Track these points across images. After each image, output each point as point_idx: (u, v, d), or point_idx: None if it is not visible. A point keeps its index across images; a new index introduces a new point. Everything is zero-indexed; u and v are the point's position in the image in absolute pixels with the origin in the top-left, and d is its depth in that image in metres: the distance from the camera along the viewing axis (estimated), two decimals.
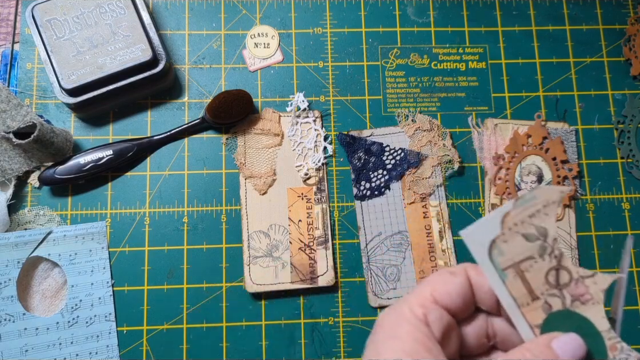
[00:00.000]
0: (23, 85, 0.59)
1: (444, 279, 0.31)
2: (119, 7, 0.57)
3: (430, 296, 0.30)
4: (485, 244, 0.29)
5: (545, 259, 0.29)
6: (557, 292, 0.29)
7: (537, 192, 0.29)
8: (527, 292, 0.29)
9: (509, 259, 0.29)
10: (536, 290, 0.29)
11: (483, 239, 0.29)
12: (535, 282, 0.29)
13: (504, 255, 0.29)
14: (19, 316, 0.53)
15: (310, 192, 0.59)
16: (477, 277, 0.31)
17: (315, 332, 0.56)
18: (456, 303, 0.31)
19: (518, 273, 0.29)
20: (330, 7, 0.64)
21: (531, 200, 0.29)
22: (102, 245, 0.56)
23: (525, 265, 0.29)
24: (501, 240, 0.29)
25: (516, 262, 0.29)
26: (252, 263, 0.56)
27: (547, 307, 0.29)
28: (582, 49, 0.64)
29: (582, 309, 0.29)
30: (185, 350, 0.55)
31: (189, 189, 0.58)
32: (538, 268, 0.29)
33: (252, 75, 0.62)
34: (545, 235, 0.29)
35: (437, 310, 0.30)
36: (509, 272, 0.29)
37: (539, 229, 0.29)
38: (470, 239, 0.30)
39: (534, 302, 0.29)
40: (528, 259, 0.29)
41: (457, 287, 0.31)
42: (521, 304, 0.29)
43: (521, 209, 0.29)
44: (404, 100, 0.62)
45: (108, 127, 0.59)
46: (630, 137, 0.61)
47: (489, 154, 0.60)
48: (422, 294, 0.31)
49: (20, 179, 0.57)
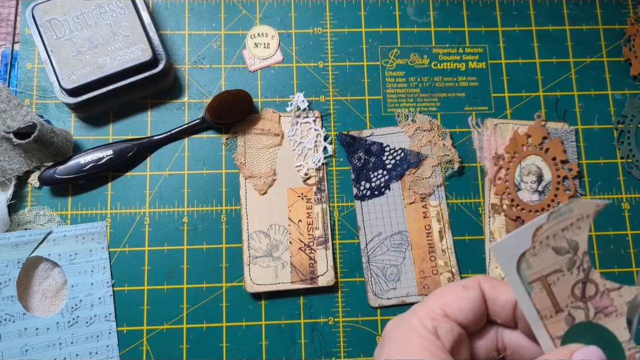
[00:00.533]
0: (23, 85, 0.59)
1: (456, 292, 0.31)
2: (119, 7, 0.57)
3: (441, 310, 0.30)
4: (514, 257, 0.29)
5: (573, 273, 0.29)
6: (581, 304, 0.29)
7: (574, 205, 0.28)
8: (552, 304, 0.29)
9: (536, 272, 0.29)
10: (561, 303, 0.29)
11: (513, 252, 0.29)
12: (561, 294, 0.29)
13: (532, 269, 0.29)
14: (19, 316, 0.53)
15: (310, 192, 0.59)
16: (492, 290, 0.31)
17: (315, 332, 0.56)
18: (468, 318, 0.30)
19: (544, 286, 0.29)
20: (330, 7, 0.64)
21: (566, 214, 0.29)
22: (102, 245, 0.56)
23: (552, 278, 0.29)
24: (531, 254, 0.29)
25: (543, 275, 0.29)
26: (252, 263, 0.57)
27: (570, 319, 0.29)
28: (582, 49, 0.64)
29: (605, 321, 0.29)
30: (185, 350, 0.55)
31: (189, 189, 0.58)
32: (565, 281, 0.29)
33: (252, 75, 0.62)
34: (576, 249, 0.29)
35: (448, 323, 0.30)
36: (536, 285, 0.29)
37: (571, 242, 0.29)
38: (499, 253, 0.29)
39: (558, 315, 0.29)
40: (556, 272, 0.29)
41: (469, 301, 0.30)
42: (544, 315, 0.29)
43: (555, 222, 0.29)
44: (404, 100, 0.62)
45: (108, 127, 0.59)
46: (630, 137, 0.61)
47: (489, 154, 0.60)
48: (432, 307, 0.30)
49: (20, 179, 0.57)
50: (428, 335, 0.29)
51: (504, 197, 0.59)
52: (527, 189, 0.59)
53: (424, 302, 0.31)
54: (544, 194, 0.59)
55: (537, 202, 0.59)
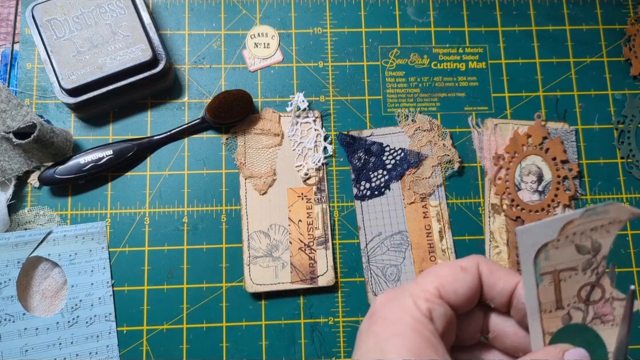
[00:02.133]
0: (23, 85, 0.59)
1: (453, 274, 0.30)
2: (119, 7, 0.57)
3: (436, 290, 0.29)
4: (536, 246, 0.29)
5: (586, 274, 0.29)
6: (583, 306, 0.29)
7: (610, 207, 0.28)
8: (555, 300, 0.29)
9: (551, 265, 0.29)
10: (564, 301, 0.29)
11: (536, 241, 0.29)
12: (567, 292, 0.29)
13: (549, 261, 0.29)
14: (19, 316, 0.53)
15: (310, 192, 0.59)
16: (490, 275, 0.30)
17: (315, 332, 0.56)
18: (461, 301, 0.30)
19: (554, 280, 0.29)
20: (330, 7, 0.64)
21: (601, 214, 0.28)
22: (102, 245, 0.56)
23: (564, 274, 0.29)
24: (553, 246, 0.29)
25: (557, 270, 0.29)
26: (252, 263, 0.56)
27: (567, 318, 0.29)
28: (582, 49, 0.64)
29: (600, 328, 0.29)
30: (185, 350, 0.55)
31: (189, 189, 0.58)
32: (575, 280, 0.29)
33: (252, 75, 0.62)
34: (597, 252, 0.29)
35: (442, 306, 0.29)
36: (546, 277, 0.29)
37: (594, 243, 0.29)
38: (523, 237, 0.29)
39: (557, 311, 0.29)
40: (570, 269, 0.29)
41: (465, 285, 0.30)
42: (544, 309, 0.29)
43: (588, 220, 0.28)
44: (404, 100, 0.62)
45: (108, 127, 0.59)
46: (630, 137, 0.61)
47: (489, 154, 0.60)
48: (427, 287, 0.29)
49: (20, 179, 0.57)
50: (422, 318, 0.28)
51: (504, 197, 0.59)
52: (527, 189, 0.59)
53: (419, 281, 0.30)
54: (544, 194, 0.59)
55: (537, 202, 0.59)
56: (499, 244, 0.58)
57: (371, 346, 0.28)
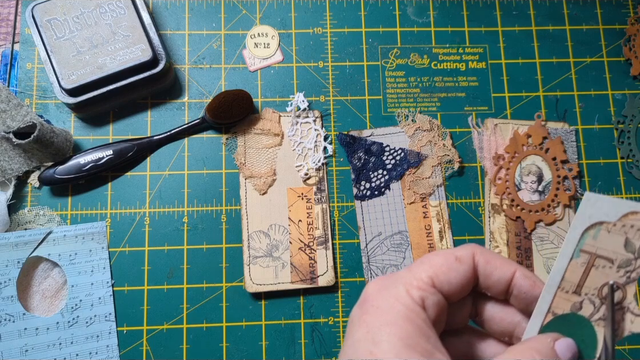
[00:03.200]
0: (23, 85, 0.59)
1: (448, 264, 0.30)
2: (119, 7, 0.57)
3: (430, 279, 0.29)
4: (592, 218, 0.28)
5: (619, 272, 0.28)
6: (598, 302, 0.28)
7: None
8: (578, 283, 0.28)
9: (593, 246, 0.28)
10: (584, 288, 0.28)
11: (595, 214, 0.28)
12: (592, 281, 0.28)
13: (595, 240, 0.28)
14: (19, 316, 0.53)
15: (310, 192, 0.59)
16: (486, 266, 0.30)
17: (315, 332, 0.56)
18: (454, 290, 0.29)
19: (589, 263, 0.28)
20: (330, 7, 0.64)
21: None
22: (102, 245, 0.56)
23: (600, 262, 0.28)
24: (606, 229, 0.28)
25: (596, 253, 0.28)
26: (252, 263, 0.56)
27: (577, 306, 0.29)
28: (582, 49, 0.64)
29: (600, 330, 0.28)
30: (185, 350, 0.55)
31: (189, 189, 0.58)
32: (606, 273, 0.28)
33: (252, 75, 0.62)
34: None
35: (435, 295, 0.29)
36: (583, 256, 0.28)
37: None
38: (587, 203, 0.28)
39: (572, 295, 0.28)
40: (608, 259, 0.28)
41: (459, 275, 0.29)
42: (562, 287, 0.28)
43: None
44: (404, 100, 0.62)
45: (108, 127, 0.59)
46: (630, 137, 0.61)
47: (489, 154, 0.60)
48: (420, 275, 0.29)
49: (20, 179, 0.57)
50: (414, 307, 0.28)
51: (504, 197, 0.59)
52: (527, 189, 0.59)
53: (412, 269, 0.30)
54: (544, 194, 0.59)
55: (537, 202, 0.59)
56: (499, 244, 0.58)
57: (362, 335, 0.28)
